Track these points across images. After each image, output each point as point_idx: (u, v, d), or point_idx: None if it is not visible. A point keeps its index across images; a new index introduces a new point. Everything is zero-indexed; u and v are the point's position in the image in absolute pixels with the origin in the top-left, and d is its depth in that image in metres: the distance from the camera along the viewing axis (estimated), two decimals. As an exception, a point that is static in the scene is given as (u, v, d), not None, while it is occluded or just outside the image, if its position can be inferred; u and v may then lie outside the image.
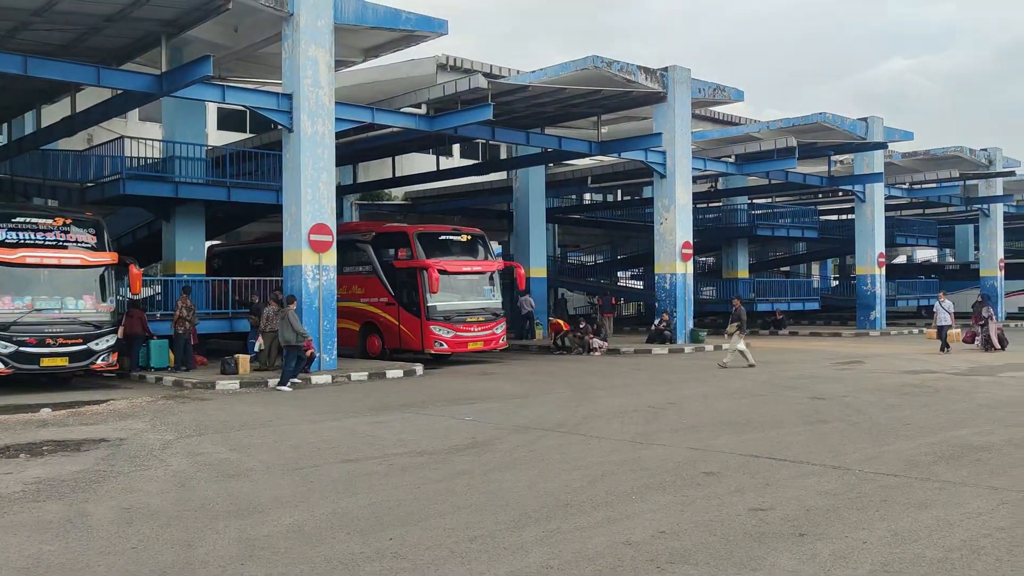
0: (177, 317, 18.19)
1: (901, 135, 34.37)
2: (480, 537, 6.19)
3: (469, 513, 6.84)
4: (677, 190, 25.71)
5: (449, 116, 21.05)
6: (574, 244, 51.14)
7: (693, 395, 14.45)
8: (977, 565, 5.47)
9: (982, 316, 24.09)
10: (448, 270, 21.17)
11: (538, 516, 6.72)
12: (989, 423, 11.08)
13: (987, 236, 41.43)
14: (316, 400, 14.47)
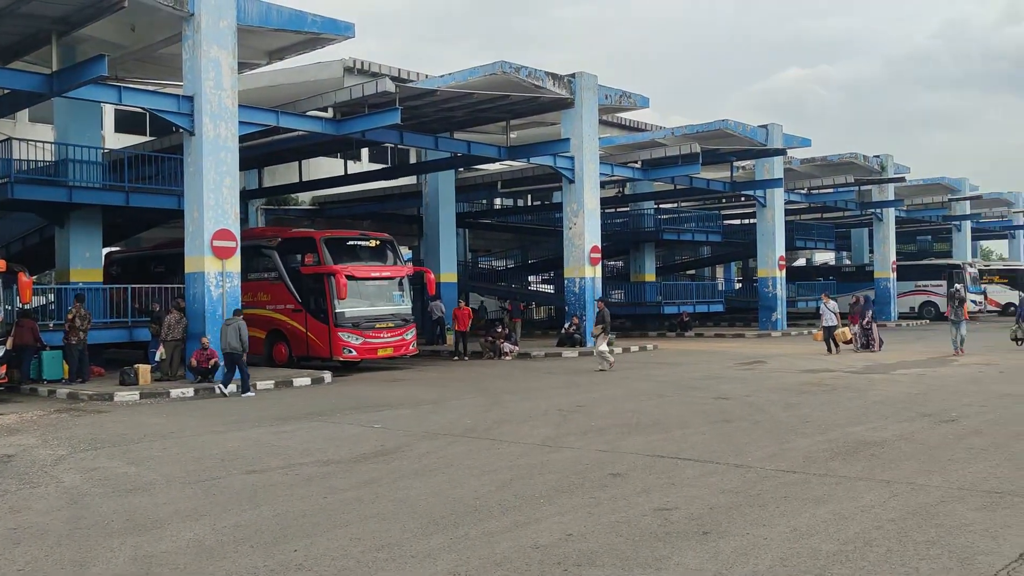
0: (69, 326, 17.45)
1: (800, 142, 35.55)
2: (388, 546, 6.11)
3: (376, 522, 6.75)
4: (585, 195, 26.01)
5: (356, 120, 20.80)
6: (485, 249, 51.18)
7: (602, 397, 14.61)
8: (870, 556, 5.67)
9: (866, 317, 24.46)
10: (356, 276, 20.91)
11: (446, 523, 6.68)
12: (882, 419, 11.52)
13: (880, 239, 43.19)
14: (221, 410, 14.09)
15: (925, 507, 6.82)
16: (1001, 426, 10.67)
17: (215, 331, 17.48)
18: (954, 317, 22.07)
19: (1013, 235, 60.92)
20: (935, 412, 11.99)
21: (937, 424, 10.96)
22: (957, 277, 43.72)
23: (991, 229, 58.68)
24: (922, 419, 11.41)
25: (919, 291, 44.68)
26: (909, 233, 57.06)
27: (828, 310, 24.19)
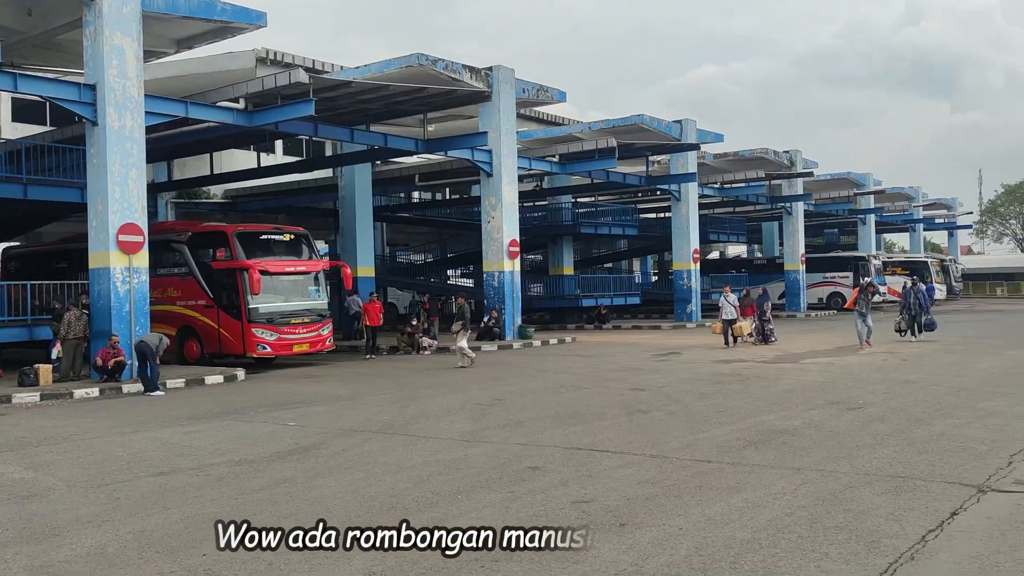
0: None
1: (713, 137, 36.24)
2: (301, 548, 5.95)
3: (290, 523, 6.56)
4: (503, 188, 25.99)
5: (269, 111, 20.34)
6: (403, 243, 50.78)
7: (520, 390, 14.62)
8: (782, 543, 5.77)
9: (764, 310, 24.10)
10: (270, 270, 20.46)
11: (363, 521, 6.53)
12: (792, 407, 11.81)
13: (790, 232, 44.38)
14: (128, 410, 13.61)
15: (834, 493, 7.00)
16: (903, 413, 11.05)
17: (122, 329, 16.90)
18: (864, 309, 21.67)
19: (914, 228, 63.43)
20: (842, 400, 12.34)
21: (844, 412, 11.29)
22: (863, 269, 45.26)
23: (893, 223, 60.95)
24: (830, 407, 11.73)
25: (827, 283, 46.08)
26: (817, 226, 58.81)
27: (728, 303, 23.92)
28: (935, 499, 6.72)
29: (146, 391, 15.70)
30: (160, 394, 15.65)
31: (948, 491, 6.97)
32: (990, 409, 11.12)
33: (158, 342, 16.22)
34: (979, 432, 9.52)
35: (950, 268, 56.01)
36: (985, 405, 11.47)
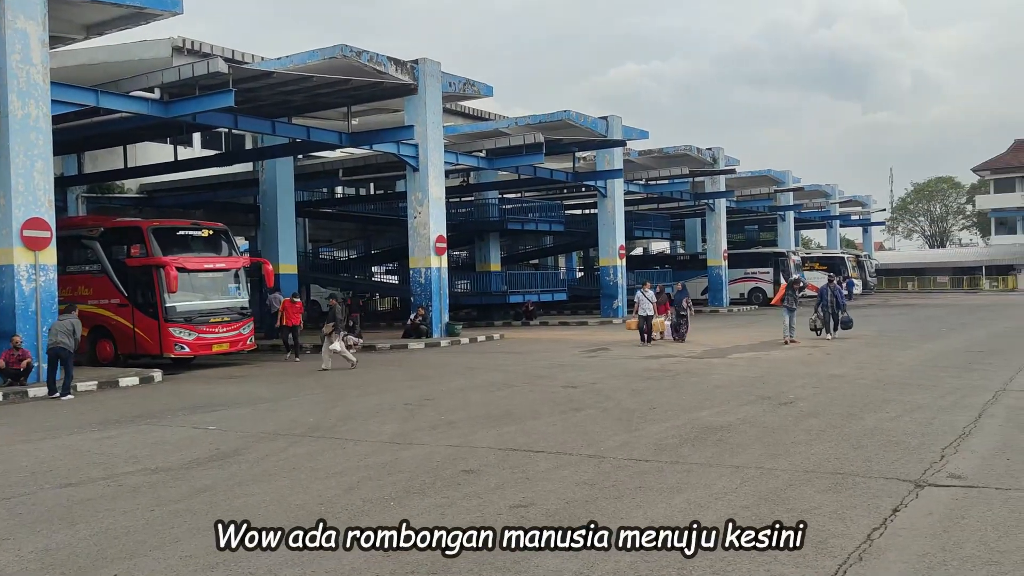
0: None
1: (638, 134, 36.42)
2: (223, 563, 5.57)
3: (211, 536, 6.15)
4: (430, 184, 25.59)
5: (186, 102, 19.55)
6: (327, 240, 49.85)
7: (450, 389, 14.31)
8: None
9: (683, 306, 23.31)
10: (188, 267, 19.69)
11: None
12: (724, 403, 11.78)
13: (713, 229, 45.03)
14: (34, 416, 12.84)
15: (775, 492, 6.89)
16: (834, 407, 11.11)
17: (28, 329, 16.03)
18: (793, 305, 21.27)
19: (830, 225, 65.18)
20: (773, 395, 12.38)
21: (776, 407, 11.30)
22: (783, 265, 46.22)
23: (811, 219, 62.50)
24: (762, 402, 11.74)
25: (748, 278, 46.94)
26: (739, 223, 59.91)
27: (645, 299, 23.14)
28: (876, 496, 6.67)
29: (51, 395, 14.88)
30: (70, 398, 14.86)
31: (887, 487, 6.93)
32: (916, 402, 11.26)
33: (71, 330, 15.32)
34: (909, 426, 9.60)
35: (865, 264, 57.69)
36: (911, 398, 11.62)
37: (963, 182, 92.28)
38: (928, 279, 73.57)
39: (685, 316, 23.27)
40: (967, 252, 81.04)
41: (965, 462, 7.76)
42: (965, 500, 6.52)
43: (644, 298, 23.14)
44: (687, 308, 23.43)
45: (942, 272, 74.11)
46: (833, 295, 21.95)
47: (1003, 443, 8.61)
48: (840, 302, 21.91)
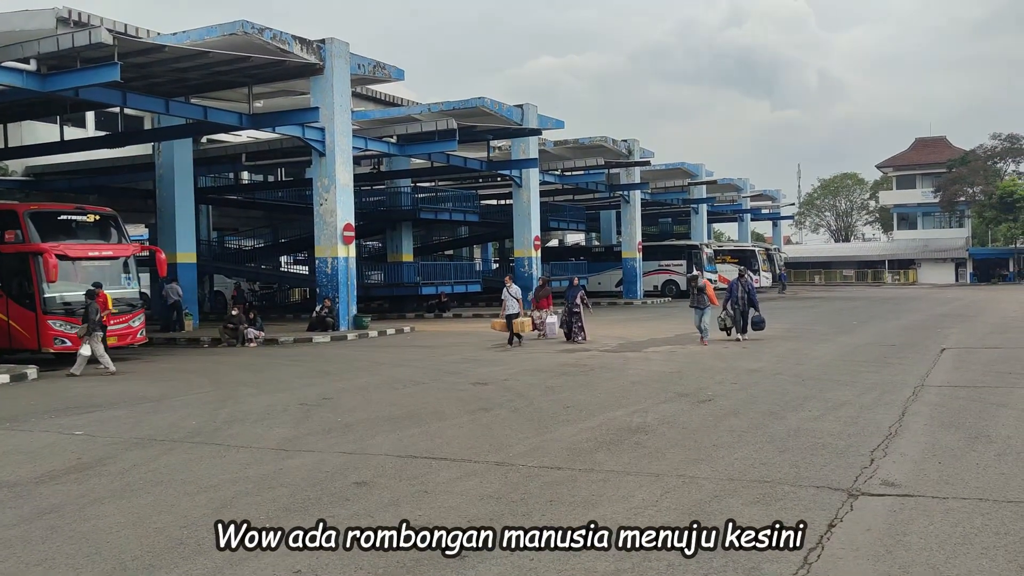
0: None
1: (554, 123, 35.82)
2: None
3: (41, 571, 5.18)
4: (337, 169, 24.44)
5: (67, 75, 18.03)
6: (232, 228, 47.96)
7: (352, 387, 13.37)
8: (650, 573, 4.92)
9: (575, 303, 20.68)
10: (70, 255, 18.23)
11: (138, 565, 5.24)
12: (642, 400, 11.18)
13: (628, 221, 44.90)
14: None
15: (700, 505, 6.22)
16: (754, 405, 10.60)
17: None
18: (695, 304, 19.55)
19: (741, 218, 66.08)
20: (692, 392, 11.84)
21: (696, 405, 10.74)
22: (695, 257, 46.44)
23: (723, 212, 63.23)
24: (680, 400, 11.18)
25: (662, 270, 47.01)
26: (653, 215, 60.17)
27: (510, 295, 20.57)
28: (808, 508, 6.06)
29: None
30: None
31: (819, 498, 6.34)
32: (838, 399, 10.85)
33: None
34: (834, 426, 9.12)
35: (775, 257, 58.58)
36: (832, 395, 11.21)
37: (867, 178, 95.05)
38: (834, 272, 75.43)
39: (579, 313, 20.58)
40: (871, 246, 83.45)
41: (896, 467, 7.26)
42: (903, 512, 5.97)
43: (508, 295, 20.60)
44: (581, 305, 20.68)
45: (847, 266, 76.11)
46: (745, 291, 19.74)
47: (931, 444, 8.17)
48: (752, 299, 19.73)
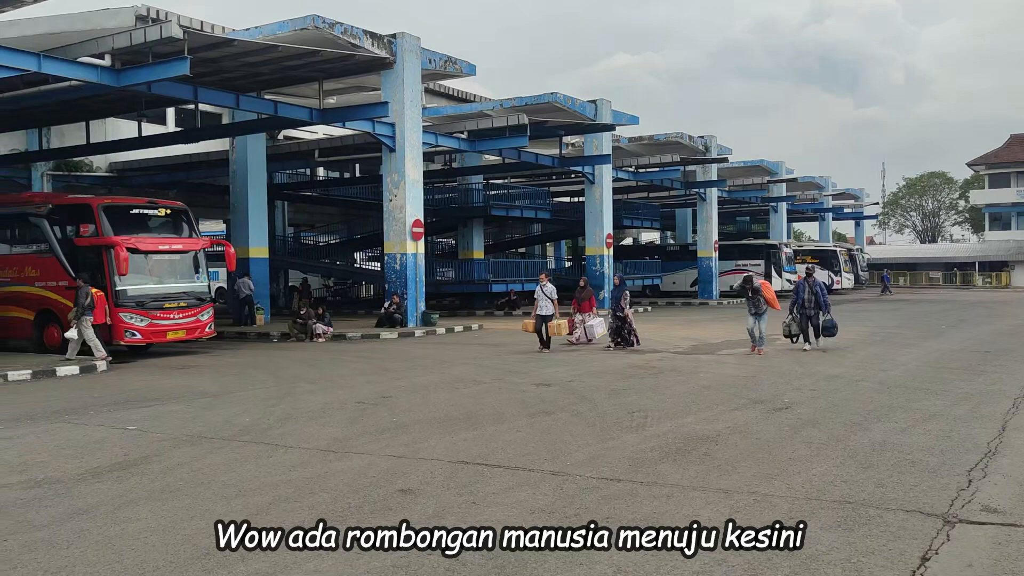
0: None
1: (628, 119, 35.09)
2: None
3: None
4: (407, 164, 24.24)
5: (139, 70, 18.12)
6: (308, 224, 48.45)
7: (412, 385, 13.01)
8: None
9: (620, 306, 18.86)
10: (141, 248, 18.34)
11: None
12: (713, 407, 10.54)
13: (704, 219, 43.82)
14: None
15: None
16: (835, 414, 9.85)
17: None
18: (753, 309, 17.24)
19: (823, 217, 64.10)
20: (767, 399, 11.13)
21: (770, 413, 10.05)
22: (774, 257, 45.12)
23: (803, 211, 61.41)
24: (754, 407, 10.49)
25: (739, 270, 45.66)
26: (730, 214, 58.79)
27: (544, 295, 18.67)
28: (896, 537, 5.41)
29: None
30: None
31: (909, 524, 5.67)
32: (928, 410, 10.03)
33: None
34: (923, 439, 8.35)
35: (857, 257, 56.63)
36: (921, 405, 10.38)
37: (956, 177, 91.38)
38: (920, 274, 72.60)
39: (623, 317, 18.67)
40: (960, 247, 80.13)
41: (998, 490, 6.52)
42: (1010, 545, 5.26)
43: (542, 294, 18.77)
44: (625, 308, 18.77)
45: (934, 267, 73.17)
46: (812, 293, 17.52)
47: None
48: (822, 302, 17.54)
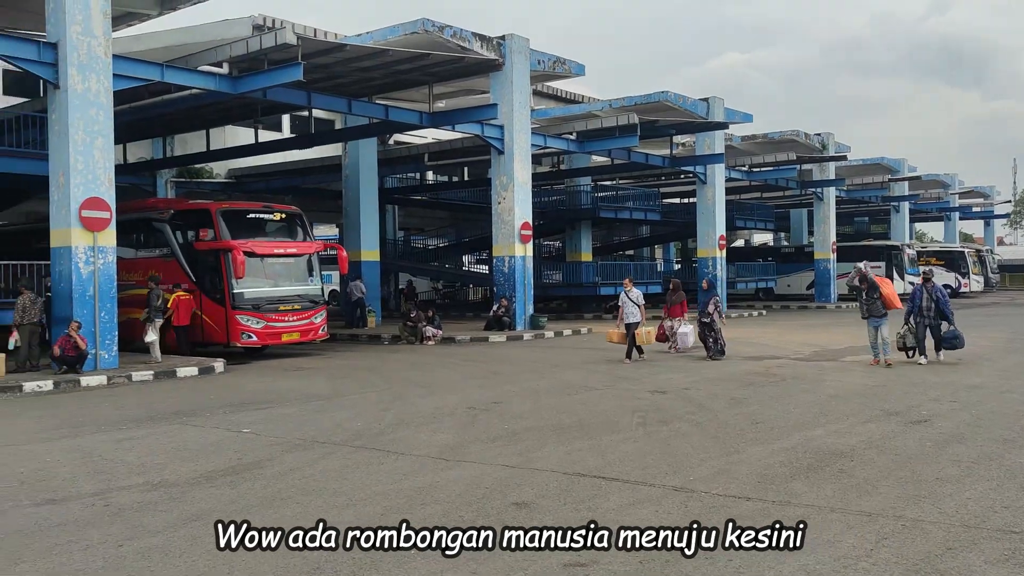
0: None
1: (741, 117, 34.06)
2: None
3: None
4: (516, 167, 24.06)
5: (254, 77, 18.49)
6: (418, 227, 49.01)
7: (523, 390, 12.74)
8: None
9: (707, 312, 17.41)
10: (257, 252, 18.72)
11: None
12: (843, 418, 9.87)
13: (821, 219, 42.16)
14: (71, 409, 11.87)
15: (928, 560, 5.04)
16: (983, 429, 9.06)
17: (85, 314, 15.23)
18: (869, 313, 15.40)
19: (948, 217, 60.84)
20: (901, 410, 10.36)
21: (908, 426, 9.32)
22: (896, 258, 43.09)
23: (927, 211, 58.42)
24: (889, 419, 9.77)
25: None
26: (847, 214, 56.45)
27: (630, 300, 17.19)
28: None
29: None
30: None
31: (1088, 559, 5.03)
32: (1088, 426, 9.13)
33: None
34: (1089, 460, 7.55)
35: (987, 259, 53.55)
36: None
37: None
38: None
39: (709, 323, 17.29)
40: (1102, 248, 74.89)
41: None
42: None
43: (628, 299, 17.27)
44: (713, 314, 17.35)
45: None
46: (932, 299, 15.56)
47: None
48: (945, 310, 15.52)
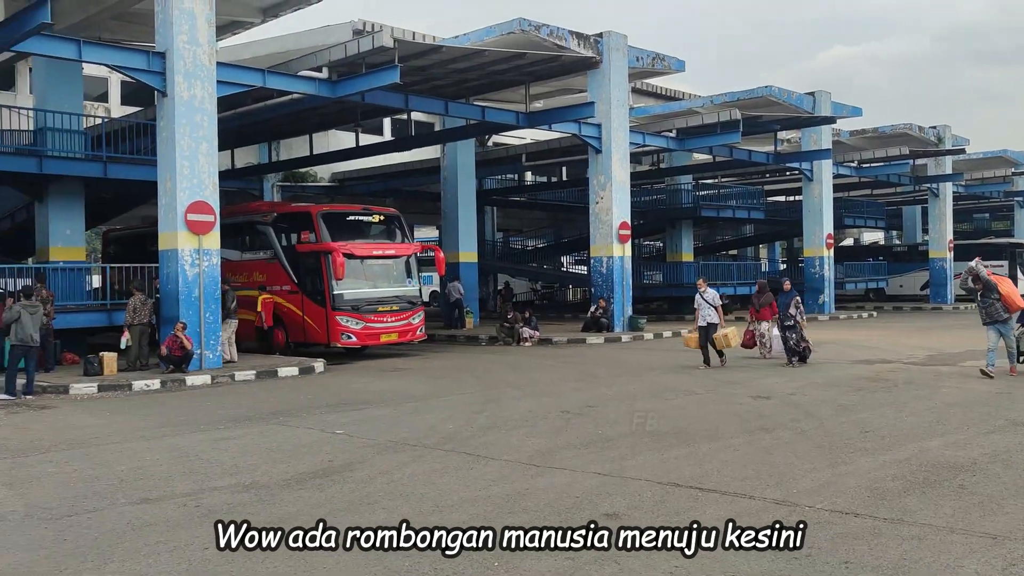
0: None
1: (850, 111, 32.79)
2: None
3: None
4: (614, 166, 23.70)
5: (352, 80, 18.69)
6: (516, 228, 49.03)
7: (618, 394, 12.43)
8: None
9: (788, 314, 16.23)
10: (356, 254, 18.92)
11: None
12: (962, 428, 9.22)
13: (936, 216, 40.22)
14: (175, 407, 12.18)
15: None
16: (1121, 442, 8.32)
17: (190, 315, 15.66)
18: (989, 318, 13.54)
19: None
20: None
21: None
22: (1019, 257, 40.69)
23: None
24: (1015, 430, 9.07)
25: (978, 273, 41.61)
26: (965, 211, 53.79)
27: (705, 302, 16.29)
28: None
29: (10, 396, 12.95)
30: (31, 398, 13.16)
31: None
32: None
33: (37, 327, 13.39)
34: None
35: None
36: None
37: None
38: None
39: (793, 326, 16.13)
40: None
41: None
42: None
43: (703, 300, 16.39)
44: (795, 315, 16.18)
45: None
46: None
47: None
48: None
